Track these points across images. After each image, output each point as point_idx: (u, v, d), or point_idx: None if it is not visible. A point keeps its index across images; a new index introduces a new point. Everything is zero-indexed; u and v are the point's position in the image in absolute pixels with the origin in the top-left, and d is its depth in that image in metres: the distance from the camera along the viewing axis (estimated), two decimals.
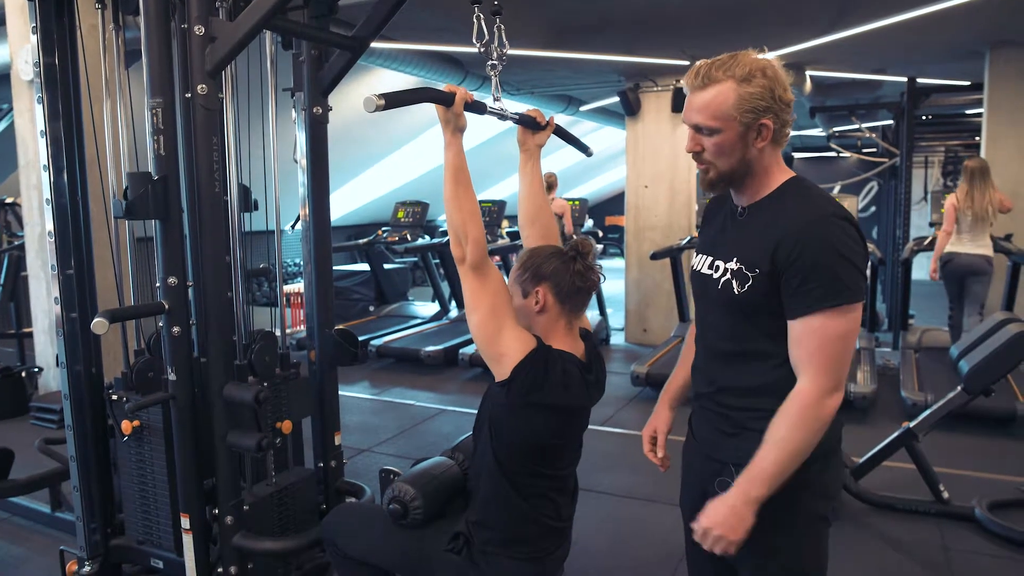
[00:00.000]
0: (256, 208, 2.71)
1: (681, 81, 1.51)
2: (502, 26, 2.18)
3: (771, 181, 1.50)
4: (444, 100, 1.72)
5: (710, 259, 1.57)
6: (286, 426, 2.46)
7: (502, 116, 1.99)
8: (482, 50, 2.14)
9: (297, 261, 10.71)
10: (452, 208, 1.71)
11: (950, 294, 5.52)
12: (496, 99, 2.05)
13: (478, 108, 1.85)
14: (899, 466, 3.45)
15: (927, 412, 3.35)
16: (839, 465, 1.60)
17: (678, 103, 7.02)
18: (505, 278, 1.79)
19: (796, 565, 1.54)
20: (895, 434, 3.34)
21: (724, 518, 1.39)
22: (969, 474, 3.73)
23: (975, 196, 5.15)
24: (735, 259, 1.49)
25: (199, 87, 2.06)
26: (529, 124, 2.04)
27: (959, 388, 3.30)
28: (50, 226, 2.43)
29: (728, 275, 1.50)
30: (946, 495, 3.29)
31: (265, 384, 2.37)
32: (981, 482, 3.63)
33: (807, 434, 1.39)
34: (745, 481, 1.40)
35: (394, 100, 1.66)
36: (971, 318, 5.37)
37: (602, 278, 1.86)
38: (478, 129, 10.52)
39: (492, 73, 2.17)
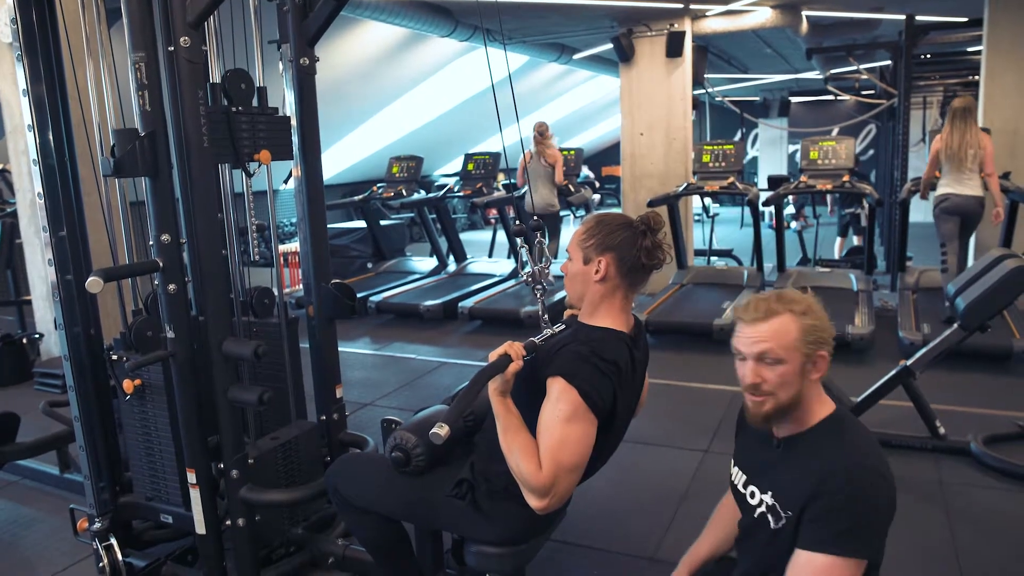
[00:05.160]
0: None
1: (734, 313, 1.53)
2: (543, 240, 2.41)
3: (811, 416, 1.50)
4: (498, 371, 1.67)
5: (745, 478, 1.61)
6: (264, 156, 2.36)
7: (553, 337, 1.84)
8: (528, 280, 2.35)
9: (294, 221, 10.66)
10: (507, 457, 1.70)
11: (946, 233, 5.46)
12: (544, 326, 1.91)
13: (531, 351, 1.75)
14: (897, 404, 3.48)
15: (924, 349, 3.37)
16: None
17: (672, 47, 6.90)
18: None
19: None
20: (892, 372, 3.37)
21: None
22: (965, 410, 3.77)
23: (954, 136, 5.10)
24: (770, 493, 1.51)
25: (181, 39, 2.02)
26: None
27: (955, 325, 3.32)
28: (39, 188, 2.41)
29: (764, 508, 1.52)
30: (942, 431, 3.33)
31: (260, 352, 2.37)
32: (977, 418, 3.68)
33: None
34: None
35: (456, 414, 1.62)
36: (953, 256, 5.36)
37: (668, 259, 1.81)
38: (468, 82, 10.37)
39: (540, 299, 2.39)
